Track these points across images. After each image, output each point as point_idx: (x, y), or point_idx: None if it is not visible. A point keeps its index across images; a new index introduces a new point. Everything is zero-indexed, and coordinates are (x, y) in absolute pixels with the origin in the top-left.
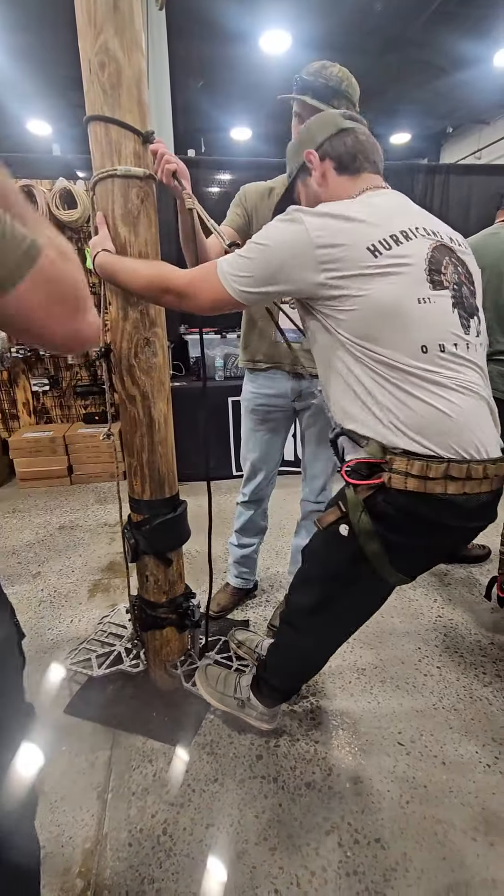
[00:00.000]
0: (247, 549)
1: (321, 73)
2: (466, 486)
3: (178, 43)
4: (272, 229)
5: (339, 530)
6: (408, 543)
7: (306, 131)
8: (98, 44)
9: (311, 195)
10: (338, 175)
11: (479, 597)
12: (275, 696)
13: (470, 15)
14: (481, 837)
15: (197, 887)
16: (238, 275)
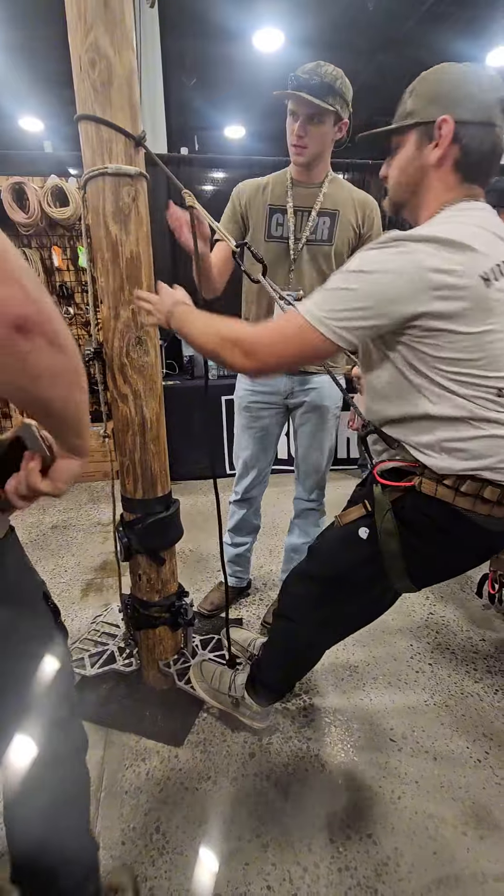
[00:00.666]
0: (240, 547)
1: (316, 72)
2: (495, 510)
3: (170, 40)
4: (374, 256)
5: (359, 533)
6: (425, 551)
7: (460, 87)
8: (88, 41)
9: (415, 166)
10: (453, 171)
11: (471, 594)
12: (269, 694)
13: (462, 15)
14: (471, 831)
15: (190, 884)
16: (338, 310)
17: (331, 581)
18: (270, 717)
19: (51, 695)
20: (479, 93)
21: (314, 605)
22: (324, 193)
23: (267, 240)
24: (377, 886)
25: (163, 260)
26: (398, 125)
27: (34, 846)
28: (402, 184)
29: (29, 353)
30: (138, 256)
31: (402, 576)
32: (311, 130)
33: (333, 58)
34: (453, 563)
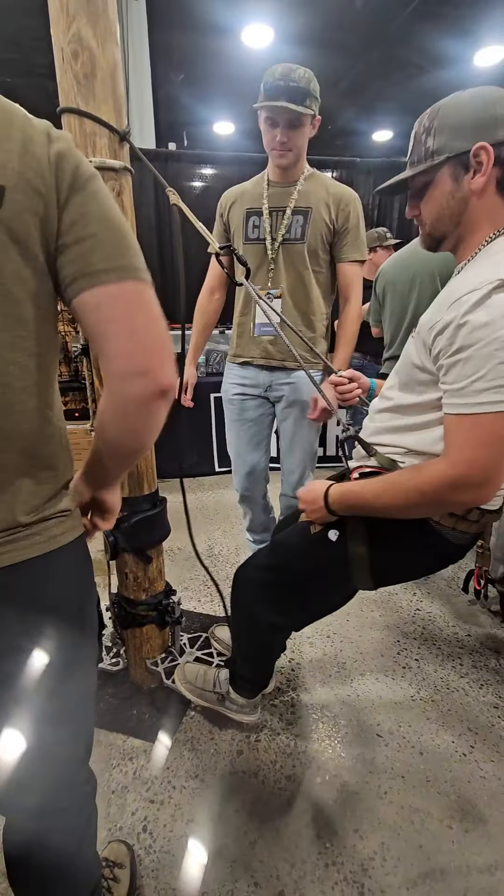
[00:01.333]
0: (262, 545)
1: (290, 77)
2: (460, 524)
3: (158, 34)
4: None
5: (329, 535)
6: (390, 556)
7: (487, 111)
8: (71, 32)
9: (457, 199)
10: (496, 193)
11: (457, 590)
12: (250, 686)
13: (450, 14)
14: (456, 825)
15: (177, 883)
16: None
17: (294, 574)
18: (258, 711)
19: (84, 701)
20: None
21: (274, 594)
22: (298, 191)
23: (245, 242)
24: (363, 881)
25: (150, 256)
26: (427, 165)
27: (39, 854)
28: (444, 218)
29: (162, 412)
30: None
31: (367, 578)
32: (292, 135)
33: (322, 55)
34: (414, 569)
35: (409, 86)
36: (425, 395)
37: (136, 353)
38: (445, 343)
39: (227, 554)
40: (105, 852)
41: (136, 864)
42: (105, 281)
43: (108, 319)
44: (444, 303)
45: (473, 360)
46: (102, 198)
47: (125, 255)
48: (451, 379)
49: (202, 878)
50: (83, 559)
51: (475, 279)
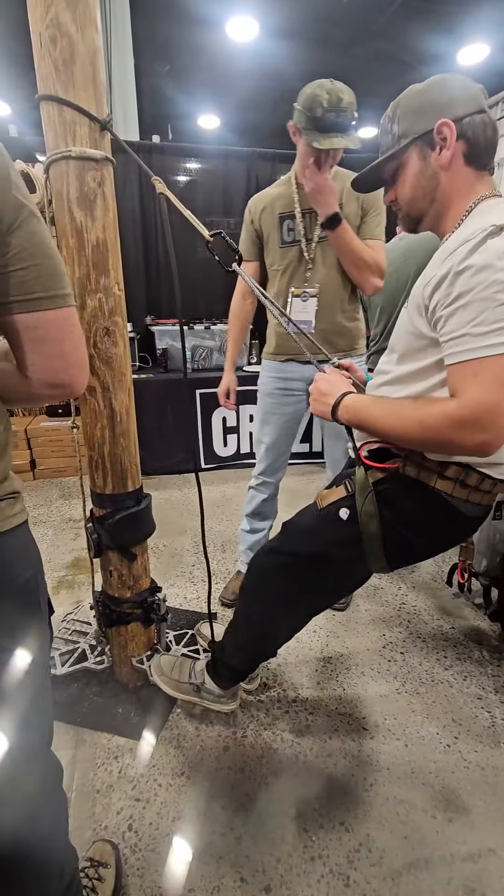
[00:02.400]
0: (258, 534)
1: (339, 107)
2: (472, 495)
3: (141, 24)
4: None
5: (339, 514)
6: (403, 533)
7: (442, 92)
8: (49, 17)
9: (427, 176)
10: (465, 165)
11: (442, 583)
12: (231, 675)
13: (435, 11)
14: (440, 815)
15: (163, 881)
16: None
17: (306, 558)
18: (237, 701)
19: (42, 685)
20: (461, 89)
21: (284, 580)
22: None
23: (282, 246)
24: (349, 873)
25: (133, 250)
26: (395, 150)
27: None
28: (419, 196)
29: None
30: (104, 243)
31: (380, 557)
32: (336, 157)
33: (307, 50)
34: (429, 545)
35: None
36: (425, 360)
37: (61, 371)
38: (443, 294)
39: (212, 551)
40: (90, 852)
41: (122, 863)
42: (43, 307)
43: (42, 340)
44: (438, 260)
45: (472, 304)
46: (41, 230)
47: (60, 284)
48: (451, 327)
49: (188, 876)
50: (32, 541)
51: (466, 232)
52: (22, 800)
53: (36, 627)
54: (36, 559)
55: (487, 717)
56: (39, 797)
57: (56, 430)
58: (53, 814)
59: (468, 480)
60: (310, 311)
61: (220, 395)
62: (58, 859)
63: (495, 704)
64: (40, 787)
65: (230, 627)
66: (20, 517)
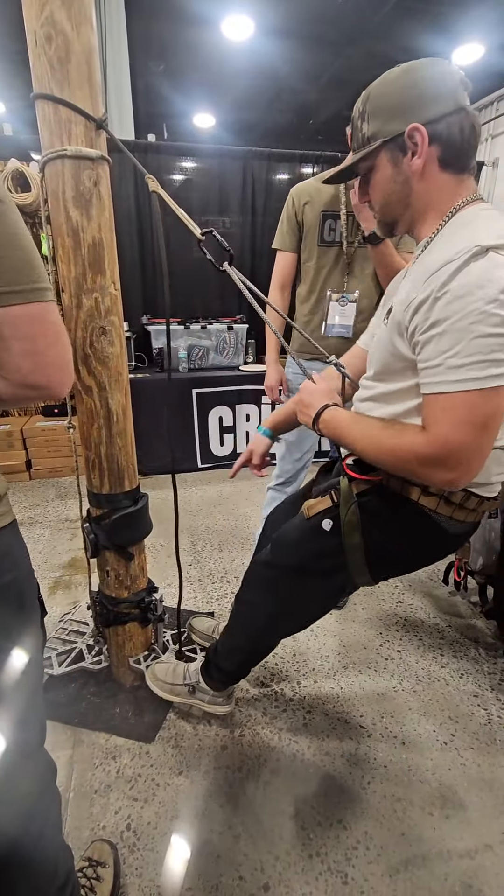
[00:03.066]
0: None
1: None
2: (456, 512)
3: (137, 23)
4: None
5: (322, 524)
6: (385, 545)
7: (415, 89)
8: (44, 15)
9: (399, 182)
10: (441, 170)
11: (438, 582)
12: (224, 678)
13: (429, 11)
14: (437, 812)
15: (161, 880)
16: (500, 360)
17: (292, 570)
18: (232, 702)
19: (35, 684)
20: (437, 85)
21: (274, 592)
22: None
23: (321, 244)
24: (347, 870)
25: (129, 249)
26: (365, 152)
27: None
28: (392, 202)
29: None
30: (101, 243)
31: (363, 570)
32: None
33: (303, 49)
34: (412, 559)
35: None
36: (404, 382)
37: (35, 372)
38: (421, 319)
39: (209, 550)
40: (88, 852)
41: (120, 863)
42: (10, 303)
43: (11, 337)
44: (419, 280)
45: (448, 334)
46: (8, 219)
47: (30, 278)
48: (426, 356)
49: (187, 875)
50: (20, 544)
51: (450, 250)
52: (16, 799)
53: (22, 629)
54: (21, 561)
55: (483, 714)
56: (33, 796)
57: (52, 429)
58: (45, 812)
59: (452, 498)
60: (349, 315)
61: (270, 389)
62: (51, 859)
63: (491, 702)
64: (35, 787)
65: (226, 630)
66: (4, 519)
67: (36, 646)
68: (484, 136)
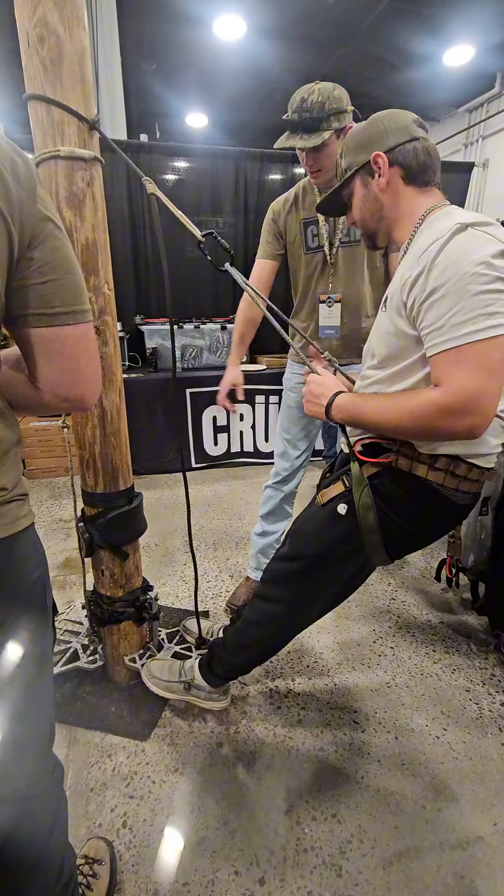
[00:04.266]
0: (269, 537)
1: (303, 107)
2: (462, 484)
3: (128, 22)
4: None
5: (338, 509)
6: (399, 523)
7: (376, 128)
8: (36, 16)
9: (370, 199)
10: (405, 185)
11: (430, 579)
12: (227, 674)
13: (420, 13)
14: (430, 805)
15: (157, 876)
16: (495, 313)
17: (311, 559)
18: (227, 698)
19: (48, 684)
20: (392, 123)
21: (294, 583)
22: None
23: (307, 252)
24: (342, 863)
25: (122, 250)
26: (342, 180)
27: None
28: (367, 216)
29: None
30: (94, 243)
31: (379, 548)
32: (319, 157)
33: (294, 49)
34: (424, 534)
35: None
36: (408, 358)
37: (74, 386)
38: (419, 291)
39: (204, 549)
40: (84, 849)
41: (116, 860)
42: (64, 322)
43: (58, 353)
44: (410, 262)
45: (448, 296)
46: (66, 245)
47: (81, 300)
48: (430, 320)
49: (183, 870)
50: (39, 543)
51: (433, 234)
52: (22, 798)
53: (42, 627)
54: (43, 560)
55: (475, 708)
56: (40, 796)
57: (46, 429)
58: (54, 812)
59: (457, 471)
60: (335, 316)
61: (220, 394)
62: (57, 857)
63: (483, 696)
64: (41, 787)
65: (239, 626)
66: (29, 518)
67: (48, 646)
68: (475, 137)
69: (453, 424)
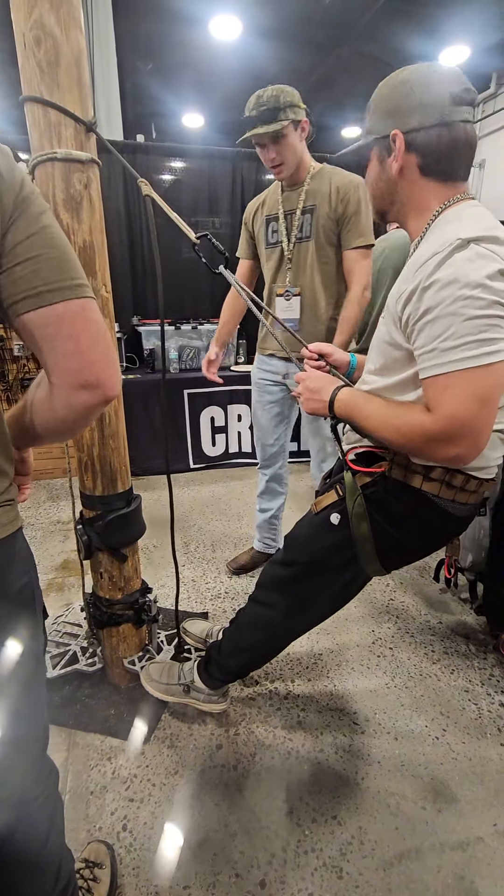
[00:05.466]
0: (266, 513)
1: (258, 104)
2: (458, 495)
3: (124, 21)
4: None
5: (331, 519)
6: (393, 533)
7: (404, 95)
8: (32, 18)
9: (384, 179)
10: (422, 176)
11: (429, 579)
12: (225, 677)
13: (416, 13)
14: (430, 806)
15: (158, 880)
16: (490, 339)
17: (305, 566)
18: (227, 700)
19: (42, 687)
20: (426, 97)
21: (289, 590)
22: (305, 192)
23: (267, 248)
24: (342, 865)
25: (119, 250)
26: (362, 143)
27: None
28: (377, 196)
29: (98, 414)
30: (91, 246)
31: (373, 559)
32: (280, 149)
33: (291, 50)
34: (420, 545)
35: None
36: (404, 373)
37: (83, 370)
38: (413, 308)
39: (202, 550)
40: (84, 853)
41: (117, 863)
42: (51, 301)
43: (55, 337)
44: (409, 272)
45: (440, 319)
46: (48, 219)
47: (69, 275)
48: (421, 342)
49: (184, 873)
50: (28, 548)
51: (435, 244)
52: (18, 801)
53: (33, 630)
54: (31, 565)
55: (474, 709)
56: (37, 800)
57: None
58: (50, 816)
59: (454, 481)
60: (294, 309)
61: (203, 368)
62: (55, 861)
63: (482, 696)
64: (37, 791)
65: (234, 629)
66: (16, 524)
67: (39, 650)
68: None
69: (437, 452)
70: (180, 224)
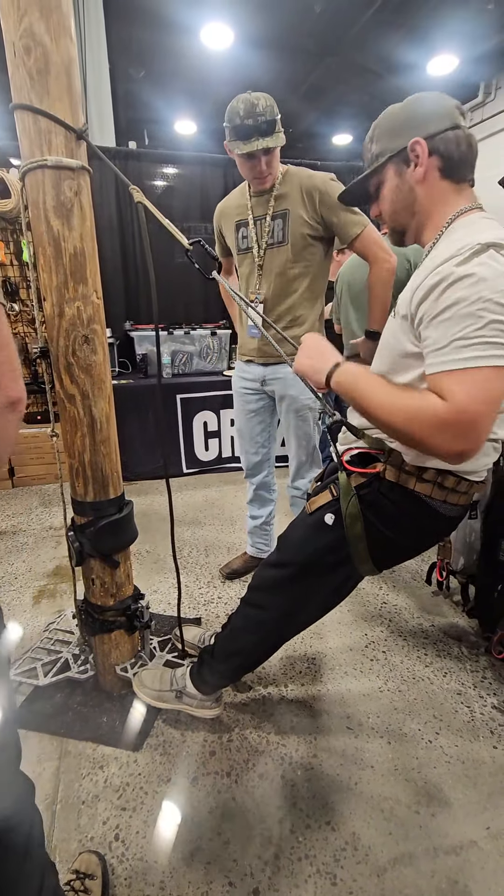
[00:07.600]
0: (257, 519)
1: (255, 112)
2: (450, 496)
3: (116, 28)
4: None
5: (325, 519)
6: (386, 533)
7: (417, 110)
8: (22, 27)
9: (405, 191)
10: (441, 179)
11: (421, 582)
12: (217, 681)
13: (405, 23)
14: (424, 809)
15: (151, 889)
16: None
17: (299, 567)
18: (220, 706)
19: (10, 699)
20: (435, 107)
21: (282, 591)
22: (275, 196)
23: (239, 253)
24: (336, 871)
25: (111, 257)
26: (374, 167)
27: None
28: (399, 210)
29: (12, 425)
30: (82, 252)
31: (366, 559)
32: (270, 160)
33: (282, 59)
34: (411, 545)
35: (367, 91)
36: (413, 372)
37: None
38: (429, 306)
39: (196, 555)
40: (75, 864)
41: (109, 874)
42: None
43: None
44: (424, 273)
45: (456, 318)
46: None
47: None
48: (435, 338)
49: (177, 883)
50: None
51: (453, 247)
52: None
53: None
54: None
55: (467, 711)
56: (15, 816)
57: (35, 437)
58: (27, 831)
59: (445, 483)
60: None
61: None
62: (37, 875)
63: (474, 699)
64: (16, 806)
65: (227, 632)
66: None
67: (6, 659)
68: None
69: (444, 444)
70: (173, 231)
